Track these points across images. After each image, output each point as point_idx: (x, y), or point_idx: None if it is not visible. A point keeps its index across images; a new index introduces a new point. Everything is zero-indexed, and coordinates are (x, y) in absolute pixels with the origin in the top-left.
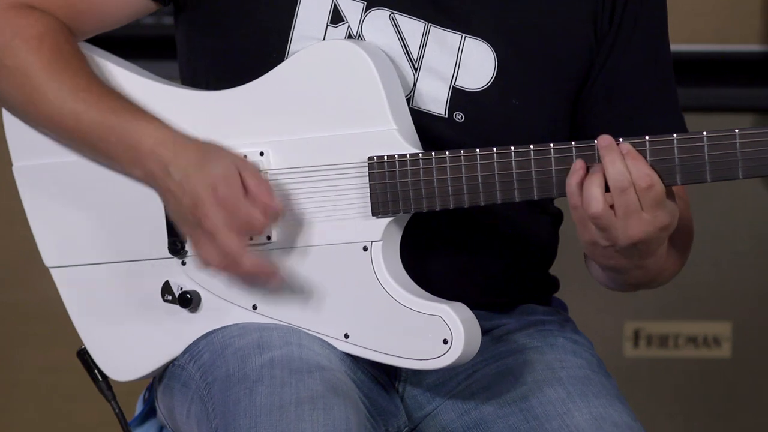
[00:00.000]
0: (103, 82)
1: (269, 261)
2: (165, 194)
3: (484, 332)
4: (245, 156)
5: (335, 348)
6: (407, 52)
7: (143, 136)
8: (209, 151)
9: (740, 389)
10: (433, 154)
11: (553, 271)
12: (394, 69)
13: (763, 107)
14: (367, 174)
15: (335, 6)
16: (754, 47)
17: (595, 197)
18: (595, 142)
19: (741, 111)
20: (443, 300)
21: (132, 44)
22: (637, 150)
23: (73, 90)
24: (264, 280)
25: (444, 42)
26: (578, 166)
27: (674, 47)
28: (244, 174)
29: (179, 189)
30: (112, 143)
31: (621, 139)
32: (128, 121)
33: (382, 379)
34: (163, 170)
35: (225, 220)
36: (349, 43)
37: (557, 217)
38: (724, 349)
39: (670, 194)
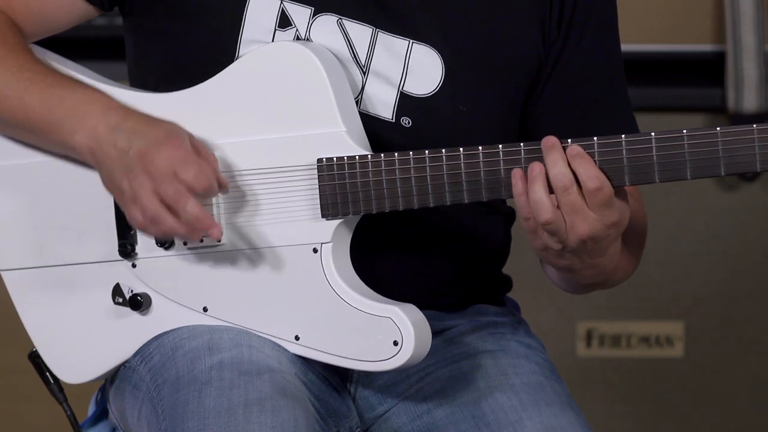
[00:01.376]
0: (48, 65)
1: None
2: (107, 152)
3: (437, 333)
4: None
5: (286, 350)
6: (355, 56)
7: (92, 102)
8: (155, 117)
9: (692, 388)
10: (382, 155)
11: (507, 270)
12: (343, 71)
13: (714, 107)
14: (317, 176)
15: (283, 11)
16: (706, 47)
17: (543, 203)
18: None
19: (693, 111)
20: (393, 301)
21: (83, 45)
22: (587, 151)
23: (18, 71)
24: (203, 230)
25: (392, 47)
26: (518, 176)
27: (626, 47)
28: (192, 139)
29: (126, 143)
30: (57, 114)
31: (570, 141)
32: (76, 91)
33: (333, 380)
34: (110, 129)
35: (177, 165)
36: (298, 44)
37: (509, 216)
38: (677, 349)
39: (620, 193)
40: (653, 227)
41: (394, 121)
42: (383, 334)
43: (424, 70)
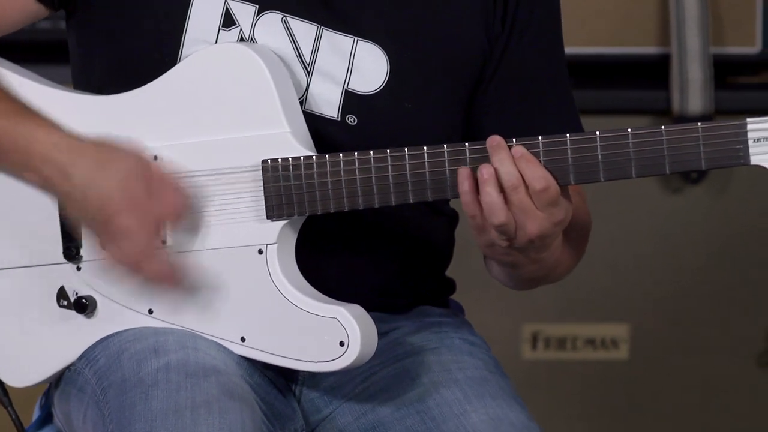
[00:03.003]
0: None
1: (175, 267)
2: (65, 198)
3: (381, 335)
4: None
5: (232, 352)
6: (300, 55)
7: (34, 141)
8: (107, 149)
9: (638, 390)
10: (327, 156)
11: (452, 273)
12: (287, 71)
13: (659, 109)
14: (261, 177)
15: (227, 10)
16: (651, 49)
17: (496, 205)
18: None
19: (638, 113)
20: (339, 302)
21: (27, 48)
22: (531, 151)
23: None
24: (167, 286)
25: (336, 45)
26: (464, 175)
27: (571, 50)
28: (146, 171)
29: (82, 193)
30: (4, 146)
31: (515, 140)
32: (19, 124)
33: (279, 382)
34: (62, 175)
35: (137, 220)
36: (241, 45)
37: (453, 218)
38: (622, 351)
39: (564, 190)
40: (598, 230)
41: (339, 119)
42: (329, 334)
43: (368, 67)
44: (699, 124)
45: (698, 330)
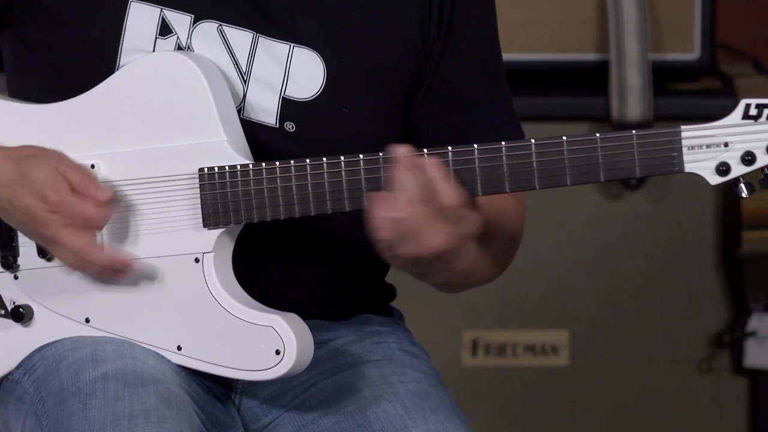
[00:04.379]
0: None
1: (119, 251)
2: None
3: (321, 344)
4: None
5: (170, 360)
6: (236, 63)
7: None
8: (24, 159)
9: (578, 397)
10: (263, 165)
11: (391, 280)
12: (224, 80)
13: (598, 115)
14: (198, 185)
15: (163, 19)
16: (589, 56)
17: (386, 221)
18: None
19: (577, 120)
20: (276, 311)
21: None
22: (442, 160)
23: None
24: (121, 270)
25: (273, 52)
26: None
27: (510, 56)
28: (65, 172)
29: (10, 206)
30: None
31: (426, 151)
32: None
33: (218, 391)
34: None
35: (63, 224)
36: (178, 54)
37: None
38: (562, 357)
39: (473, 203)
40: (539, 237)
41: (278, 126)
42: (265, 343)
43: (305, 74)
44: (633, 131)
45: (638, 336)
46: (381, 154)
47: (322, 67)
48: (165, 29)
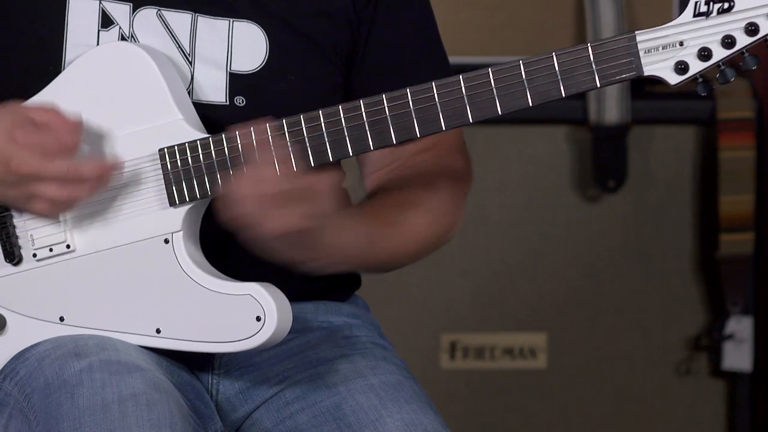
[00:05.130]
0: None
1: (100, 155)
2: None
3: (293, 333)
4: None
5: (151, 353)
6: (179, 46)
7: None
8: None
9: (556, 400)
10: (222, 135)
11: (369, 283)
12: (171, 63)
13: (577, 119)
14: (160, 165)
15: (103, 11)
16: None
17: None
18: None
19: (556, 122)
20: (250, 282)
21: None
22: (278, 133)
23: None
24: (109, 174)
25: (213, 29)
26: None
27: (488, 59)
28: (27, 111)
29: None
30: None
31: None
32: None
33: (196, 384)
34: None
35: (40, 156)
36: (123, 43)
37: None
38: (540, 360)
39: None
40: (516, 239)
41: (228, 103)
42: (245, 311)
43: (249, 46)
44: (588, 43)
45: (616, 339)
46: (339, 106)
47: (264, 37)
48: (106, 21)
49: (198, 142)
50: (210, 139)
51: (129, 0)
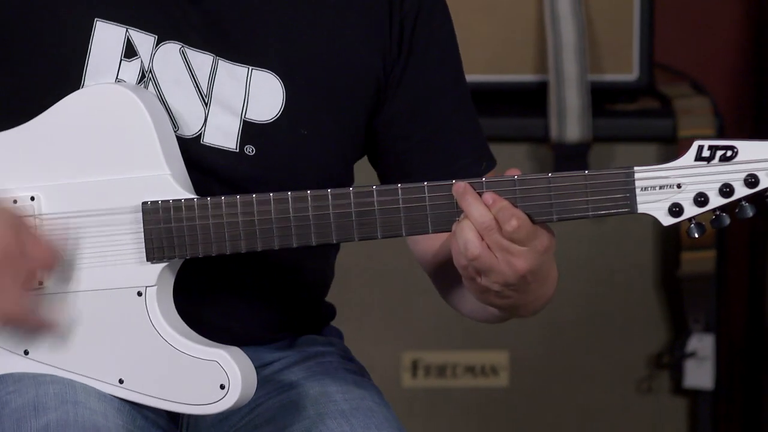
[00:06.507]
0: None
1: (52, 314)
2: None
3: (265, 365)
4: (15, 201)
5: (112, 400)
6: (197, 86)
7: None
8: None
9: (518, 417)
10: (208, 199)
11: (332, 301)
12: (166, 113)
13: (538, 137)
14: (142, 219)
15: (128, 39)
16: (528, 77)
17: (470, 240)
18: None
19: (516, 141)
20: (219, 345)
21: None
22: (498, 190)
23: None
24: (45, 332)
25: (232, 75)
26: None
27: None
28: (15, 225)
29: None
30: None
31: (483, 181)
32: None
33: (162, 422)
34: None
35: (10, 278)
36: (120, 87)
37: (332, 247)
38: (502, 378)
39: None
40: None
41: (238, 150)
42: (210, 377)
43: (265, 96)
44: (586, 171)
45: (578, 357)
46: (329, 190)
47: (281, 89)
48: (130, 51)
49: (182, 202)
50: (195, 201)
51: (154, 32)
